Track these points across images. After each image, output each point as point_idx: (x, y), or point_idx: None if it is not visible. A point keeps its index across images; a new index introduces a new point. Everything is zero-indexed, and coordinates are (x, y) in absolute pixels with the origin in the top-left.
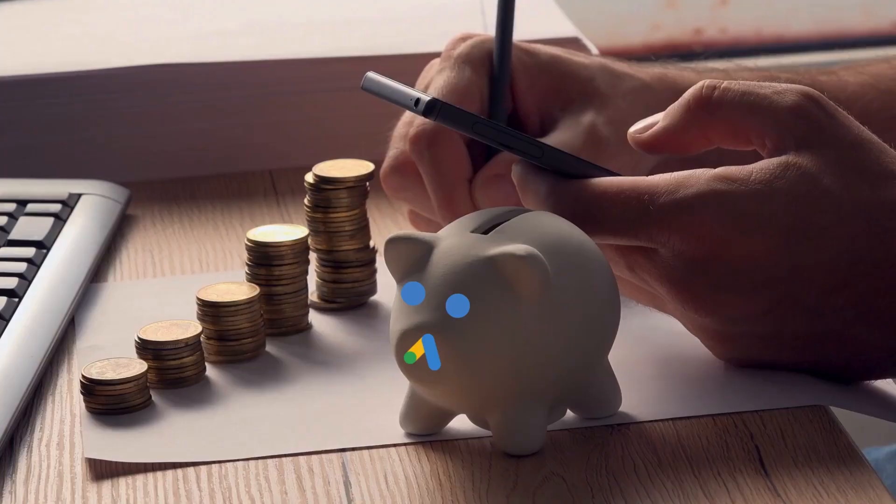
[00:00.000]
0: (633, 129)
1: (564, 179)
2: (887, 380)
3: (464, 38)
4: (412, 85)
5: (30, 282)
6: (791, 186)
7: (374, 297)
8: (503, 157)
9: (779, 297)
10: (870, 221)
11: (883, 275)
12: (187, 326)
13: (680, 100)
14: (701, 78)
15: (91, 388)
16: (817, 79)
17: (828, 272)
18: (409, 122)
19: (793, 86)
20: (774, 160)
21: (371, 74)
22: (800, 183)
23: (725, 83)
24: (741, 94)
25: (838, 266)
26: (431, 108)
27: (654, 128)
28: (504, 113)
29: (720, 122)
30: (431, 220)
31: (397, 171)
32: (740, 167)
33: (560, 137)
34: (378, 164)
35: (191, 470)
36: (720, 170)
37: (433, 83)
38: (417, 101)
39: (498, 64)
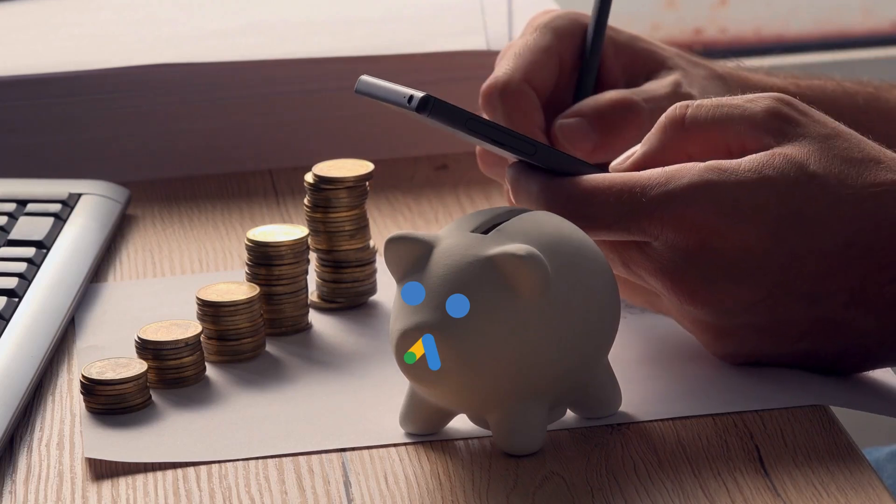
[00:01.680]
0: (614, 163)
1: (556, 177)
2: (886, 378)
3: (547, 12)
4: (412, 86)
5: (30, 282)
6: (780, 174)
7: (374, 297)
8: (584, 102)
9: (773, 285)
10: (859, 205)
11: (875, 258)
12: (187, 326)
13: (655, 125)
14: (769, 80)
15: (91, 388)
16: (882, 94)
17: (820, 257)
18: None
19: (764, 94)
20: (762, 152)
21: (364, 77)
22: (788, 170)
23: (698, 101)
24: (714, 107)
25: (831, 251)
26: (425, 105)
27: (634, 155)
28: (592, 80)
29: (696, 138)
30: None
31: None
32: (730, 159)
33: (645, 86)
34: (378, 163)
35: (191, 470)
36: (710, 162)
37: (510, 47)
38: (410, 98)
39: (592, 38)
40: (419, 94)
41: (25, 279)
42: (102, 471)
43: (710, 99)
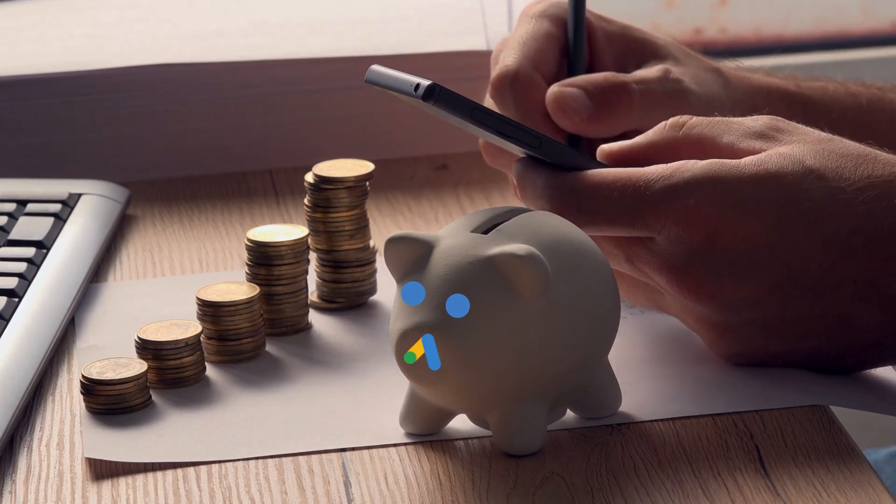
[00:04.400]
0: (603, 146)
1: (561, 172)
2: (887, 372)
3: (538, 2)
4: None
5: (30, 282)
6: (781, 167)
7: (374, 297)
8: (580, 77)
9: (777, 279)
10: (860, 196)
11: (879, 247)
12: (187, 326)
13: (655, 127)
14: (768, 79)
15: (91, 388)
16: (887, 95)
17: (824, 250)
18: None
19: (761, 116)
20: (760, 153)
21: (375, 67)
22: (787, 165)
23: (699, 117)
24: (712, 121)
25: (834, 242)
26: (431, 93)
27: (626, 141)
28: (582, 70)
29: (690, 141)
30: None
31: None
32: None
33: (635, 72)
34: (378, 163)
35: (191, 470)
36: (713, 159)
37: (512, 38)
38: (417, 86)
39: (573, 26)
40: (426, 82)
41: (25, 279)
42: (102, 471)
43: (710, 118)
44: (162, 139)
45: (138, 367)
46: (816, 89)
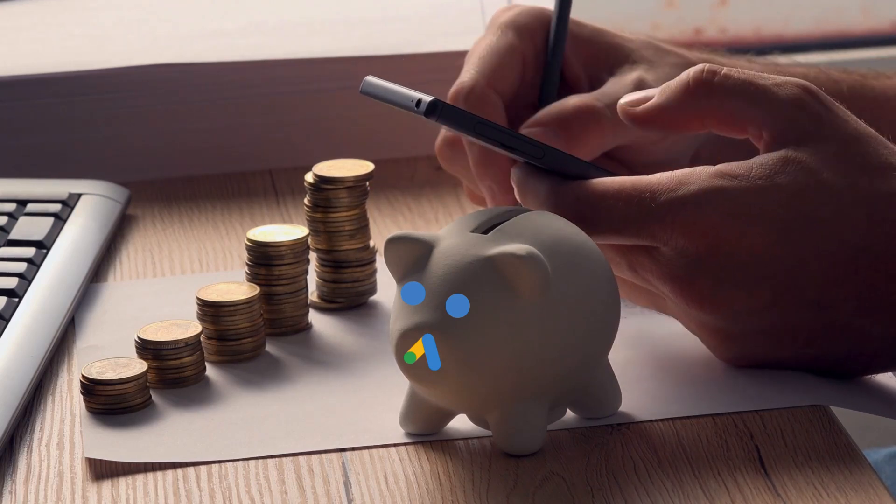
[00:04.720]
0: (624, 100)
1: (564, 180)
2: (887, 378)
3: (510, 8)
4: (412, 87)
5: (30, 282)
6: (791, 180)
7: (374, 297)
8: (547, 110)
9: (780, 291)
10: (870, 213)
11: (884, 266)
12: (187, 326)
13: (678, 78)
14: (751, 66)
15: (91, 388)
16: (868, 82)
17: (829, 265)
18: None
19: (791, 79)
20: (774, 155)
21: (370, 78)
22: (800, 177)
23: (727, 70)
24: (742, 83)
25: (839, 258)
26: (433, 109)
27: (649, 103)
28: (555, 87)
29: (717, 108)
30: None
31: (448, 144)
32: (740, 163)
33: (607, 89)
34: (378, 163)
35: (191, 470)
36: (720, 166)
37: (475, 49)
38: (419, 102)
39: (553, 40)
40: (427, 98)
41: (25, 279)
42: (102, 471)
43: (739, 71)
44: (162, 139)
45: (138, 367)
46: (797, 76)
